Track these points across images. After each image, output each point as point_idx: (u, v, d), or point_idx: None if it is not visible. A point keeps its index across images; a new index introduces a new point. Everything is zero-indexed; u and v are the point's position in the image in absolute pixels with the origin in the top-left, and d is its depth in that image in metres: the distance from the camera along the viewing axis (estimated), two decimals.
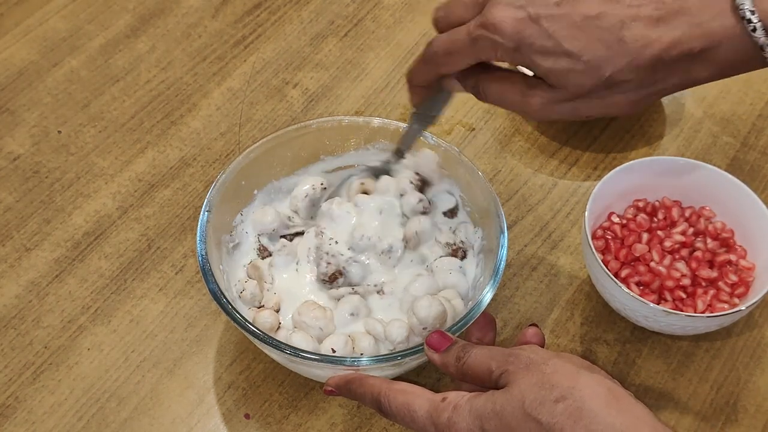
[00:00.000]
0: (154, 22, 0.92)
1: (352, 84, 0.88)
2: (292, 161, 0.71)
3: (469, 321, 0.60)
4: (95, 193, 0.79)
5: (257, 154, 0.68)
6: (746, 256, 0.70)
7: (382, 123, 0.71)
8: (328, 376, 0.59)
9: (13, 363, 0.69)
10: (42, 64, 0.88)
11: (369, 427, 0.66)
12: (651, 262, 0.69)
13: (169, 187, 0.79)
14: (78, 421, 0.66)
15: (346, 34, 0.92)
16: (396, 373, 0.63)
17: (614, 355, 0.70)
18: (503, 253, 0.63)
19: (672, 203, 0.73)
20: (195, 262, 0.74)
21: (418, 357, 0.59)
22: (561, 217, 0.78)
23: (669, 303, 0.67)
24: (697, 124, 0.86)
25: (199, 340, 0.70)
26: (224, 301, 0.60)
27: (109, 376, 0.68)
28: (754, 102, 0.87)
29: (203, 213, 0.64)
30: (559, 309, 0.73)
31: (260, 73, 0.88)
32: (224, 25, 0.92)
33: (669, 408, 0.68)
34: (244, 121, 0.84)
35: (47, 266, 0.74)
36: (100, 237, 0.76)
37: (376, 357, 0.59)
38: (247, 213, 0.69)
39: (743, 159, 0.83)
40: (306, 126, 0.70)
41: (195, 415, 0.67)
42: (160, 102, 0.86)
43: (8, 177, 0.80)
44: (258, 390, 0.68)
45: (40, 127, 0.83)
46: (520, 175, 0.81)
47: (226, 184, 0.66)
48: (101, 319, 0.71)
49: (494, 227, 0.65)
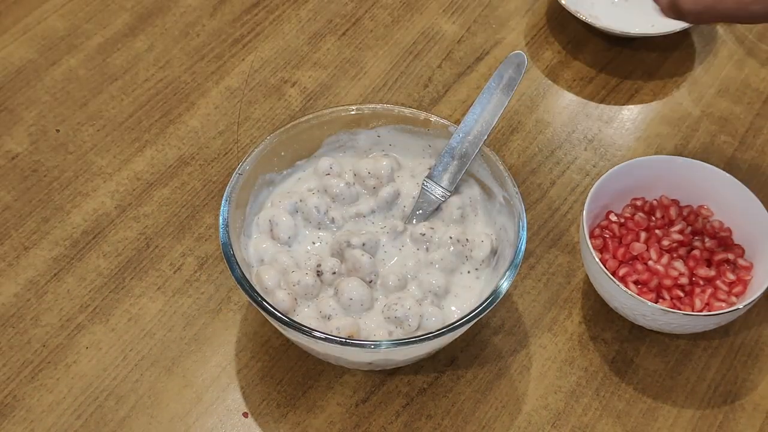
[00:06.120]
0: (152, 20, 0.92)
1: (350, 83, 0.88)
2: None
3: (488, 308, 0.61)
4: (94, 191, 0.79)
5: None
6: (744, 254, 0.70)
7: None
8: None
9: (11, 361, 0.69)
10: (40, 62, 0.88)
11: (367, 425, 0.66)
12: (649, 260, 0.69)
13: (168, 186, 0.79)
14: (76, 419, 0.66)
15: (344, 32, 0.92)
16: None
17: (612, 354, 0.70)
18: (523, 236, 0.64)
19: (670, 202, 0.73)
20: (193, 261, 0.74)
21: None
22: (559, 215, 0.79)
23: (667, 302, 0.67)
24: (695, 123, 0.86)
25: (198, 338, 0.70)
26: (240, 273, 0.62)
27: (108, 375, 0.68)
28: (752, 101, 0.87)
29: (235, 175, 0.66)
30: (557, 308, 0.73)
31: (258, 72, 0.88)
32: (222, 23, 0.92)
33: (667, 406, 0.68)
34: (243, 120, 0.84)
35: (46, 265, 0.74)
36: (98, 236, 0.76)
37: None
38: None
39: (741, 158, 0.83)
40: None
41: (193, 414, 0.67)
42: (158, 101, 0.86)
43: (6, 176, 0.80)
44: (256, 389, 0.68)
45: (38, 125, 0.83)
46: (518, 174, 0.81)
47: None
48: (99, 318, 0.71)
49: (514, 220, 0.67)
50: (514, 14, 0.94)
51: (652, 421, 0.67)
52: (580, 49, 0.91)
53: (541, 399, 0.68)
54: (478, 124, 0.69)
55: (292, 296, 0.64)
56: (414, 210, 0.70)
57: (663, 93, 0.88)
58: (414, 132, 0.72)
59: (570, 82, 0.89)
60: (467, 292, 0.66)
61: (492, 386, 0.69)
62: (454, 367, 0.69)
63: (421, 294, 0.65)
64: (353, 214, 0.69)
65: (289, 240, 0.68)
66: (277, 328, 0.65)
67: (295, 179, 0.72)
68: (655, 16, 0.79)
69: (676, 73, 0.90)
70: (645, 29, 0.89)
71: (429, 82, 0.88)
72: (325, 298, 0.64)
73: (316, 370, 0.69)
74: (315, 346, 0.62)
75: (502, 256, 0.67)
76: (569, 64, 0.90)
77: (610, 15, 0.92)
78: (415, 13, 0.94)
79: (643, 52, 0.91)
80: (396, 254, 0.67)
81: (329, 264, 0.65)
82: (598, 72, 0.90)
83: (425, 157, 0.73)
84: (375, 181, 0.70)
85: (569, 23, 0.93)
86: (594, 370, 0.70)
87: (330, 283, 0.65)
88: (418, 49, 0.91)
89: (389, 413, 0.67)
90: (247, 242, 0.68)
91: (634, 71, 0.90)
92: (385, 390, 0.68)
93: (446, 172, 0.70)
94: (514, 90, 0.69)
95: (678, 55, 0.91)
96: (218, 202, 0.76)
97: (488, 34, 0.92)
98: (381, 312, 0.64)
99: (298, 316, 0.64)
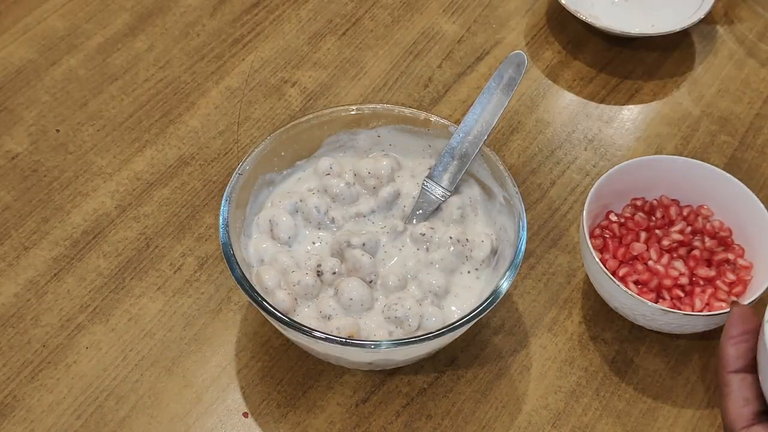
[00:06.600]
0: (152, 20, 0.92)
1: (350, 83, 0.88)
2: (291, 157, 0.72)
3: (488, 308, 0.61)
4: (94, 191, 0.79)
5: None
6: (744, 254, 0.70)
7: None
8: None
9: (11, 362, 0.69)
10: (40, 62, 0.88)
11: (367, 425, 0.66)
12: (649, 260, 0.69)
13: (168, 186, 0.79)
14: (76, 419, 0.66)
15: (344, 32, 0.92)
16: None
17: (612, 354, 0.70)
18: (523, 236, 0.64)
19: (670, 202, 0.73)
20: (193, 261, 0.75)
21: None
22: (559, 215, 0.79)
23: (667, 302, 0.67)
24: (695, 123, 0.86)
25: (198, 338, 0.70)
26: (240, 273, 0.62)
27: (108, 375, 0.68)
28: (752, 101, 0.87)
29: (235, 175, 0.66)
30: (557, 308, 0.73)
31: (258, 72, 0.88)
32: (222, 23, 0.92)
33: (667, 407, 0.68)
34: (243, 120, 0.84)
35: (45, 265, 0.74)
36: (98, 236, 0.76)
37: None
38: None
39: (741, 158, 0.83)
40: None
41: (193, 414, 0.67)
42: (158, 101, 0.86)
43: (6, 176, 0.80)
44: (256, 389, 0.68)
45: (38, 125, 0.83)
46: (518, 174, 0.81)
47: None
48: (99, 318, 0.71)
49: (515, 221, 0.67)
50: (514, 14, 0.94)
51: (652, 421, 0.67)
52: (580, 49, 0.91)
53: (541, 399, 0.68)
54: (478, 124, 0.70)
55: (292, 296, 0.64)
56: (414, 210, 0.70)
57: (663, 93, 0.88)
58: (414, 132, 0.72)
59: (570, 82, 0.89)
60: (467, 292, 0.66)
61: (492, 386, 0.69)
62: (454, 367, 0.69)
63: (421, 294, 0.65)
64: (353, 214, 0.69)
65: (289, 240, 0.68)
66: (277, 328, 0.65)
67: (295, 179, 0.72)
68: (655, 16, 0.80)
69: (676, 73, 0.90)
70: (645, 29, 0.90)
71: (429, 82, 0.88)
72: (325, 298, 0.64)
73: (316, 370, 0.69)
74: (315, 346, 0.62)
75: (502, 256, 0.67)
76: (569, 64, 0.90)
77: (610, 15, 0.92)
78: (415, 13, 0.94)
79: (643, 52, 0.91)
80: (396, 254, 0.67)
81: (329, 264, 0.65)
82: (598, 72, 0.90)
83: (425, 157, 0.73)
84: (375, 181, 0.70)
85: (569, 23, 0.93)
86: (594, 370, 0.70)
87: (330, 283, 0.65)
88: (418, 49, 0.91)
89: (389, 413, 0.67)
90: (247, 242, 0.68)
91: (634, 71, 0.90)
92: (385, 390, 0.68)
93: (446, 172, 0.70)
94: (514, 90, 0.69)
95: (678, 55, 0.91)
96: (218, 202, 0.76)
97: (488, 34, 0.92)
98: (381, 312, 0.64)
99: (298, 316, 0.64)
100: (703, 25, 0.93)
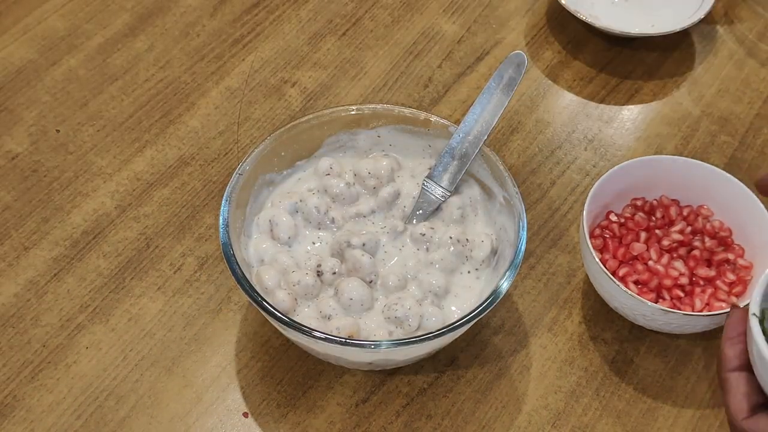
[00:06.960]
0: (152, 21, 0.92)
1: (350, 83, 0.88)
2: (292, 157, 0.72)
3: (488, 308, 0.61)
4: (94, 192, 0.79)
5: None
6: (744, 254, 0.70)
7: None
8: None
9: (11, 362, 0.69)
10: (40, 62, 0.88)
11: (367, 425, 0.66)
12: (649, 260, 0.69)
13: (168, 186, 0.79)
14: (76, 419, 0.66)
15: (344, 33, 0.92)
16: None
17: (612, 354, 0.70)
18: (523, 236, 0.64)
19: (670, 202, 0.73)
20: (193, 261, 0.75)
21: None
22: (559, 215, 0.79)
23: (667, 302, 0.67)
24: (695, 123, 0.86)
25: (198, 338, 0.70)
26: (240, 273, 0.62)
27: (108, 375, 0.68)
28: (752, 101, 0.87)
29: (235, 175, 0.67)
30: (557, 308, 0.73)
31: (258, 72, 0.88)
32: (222, 24, 0.92)
33: (667, 406, 0.68)
34: (243, 120, 0.84)
35: (46, 265, 0.74)
36: (98, 236, 0.76)
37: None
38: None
39: (741, 158, 0.83)
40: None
41: (193, 414, 0.67)
42: (158, 101, 0.86)
43: (6, 176, 0.80)
44: (256, 389, 0.68)
45: (38, 126, 0.83)
46: (518, 174, 0.81)
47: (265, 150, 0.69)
48: (99, 318, 0.71)
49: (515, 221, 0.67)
50: (514, 14, 0.94)
51: (652, 421, 0.67)
52: (580, 49, 0.91)
53: (541, 399, 0.68)
54: (478, 124, 0.70)
55: (292, 296, 0.64)
56: (414, 210, 0.70)
57: (663, 93, 0.88)
58: (414, 132, 0.72)
59: (570, 82, 0.89)
60: (467, 292, 0.66)
61: (492, 386, 0.69)
62: (454, 367, 0.69)
63: (421, 294, 0.65)
64: (353, 214, 0.69)
65: (289, 240, 0.68)
66: (277, 328, 0.65)
67: (295, 179, 0.72)
68: (655, 16, 0.79)
69: (676, 73, 0.90)
70: (645, 29, 0.90)
71: (429, 82, 0.88)
72: (325, 298, 0.64)
73: (316, 370, 0.69)
74: (315, 346, 0.62)
75: (502, 256, 0.67)
76: (569, 64, 0.90)
77: (610, 15, 0.92)
78: (415, 13, 0.94)
79: (643, 52, 0.91)
80: (396, 254, 0.67)
81: (329, 264, 0.65)
82: (598, 72, 0.90)
83: (425, 157, 0.73)
84: (375, 181, 0.70)
85: (569, 23, 0.93)
86: (594, 370, 0.70)
87: (330, 283, 0.65)
88: (418, 49, 0.91)
89: (389, 413, 0.67)
90: (247, 242, 0.68)
91: (634, 71, 0.90)
92: (385, 390, 0.68)
93: (446, 172, 0.70)
94: (514, 90, 0.69)
95: (678, 55, 0.91)
96: (218, 202, 0.76)
97: (488, 34, 0.92)
98: (381, 312, 0.64)
99: (298, 316, 0.64)
100: (703, 25, 0.93)
